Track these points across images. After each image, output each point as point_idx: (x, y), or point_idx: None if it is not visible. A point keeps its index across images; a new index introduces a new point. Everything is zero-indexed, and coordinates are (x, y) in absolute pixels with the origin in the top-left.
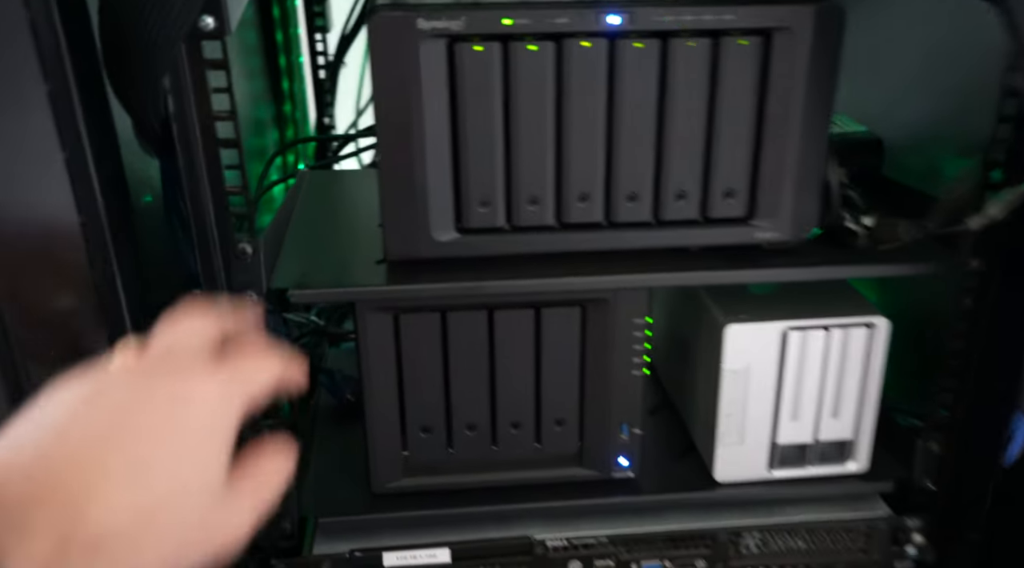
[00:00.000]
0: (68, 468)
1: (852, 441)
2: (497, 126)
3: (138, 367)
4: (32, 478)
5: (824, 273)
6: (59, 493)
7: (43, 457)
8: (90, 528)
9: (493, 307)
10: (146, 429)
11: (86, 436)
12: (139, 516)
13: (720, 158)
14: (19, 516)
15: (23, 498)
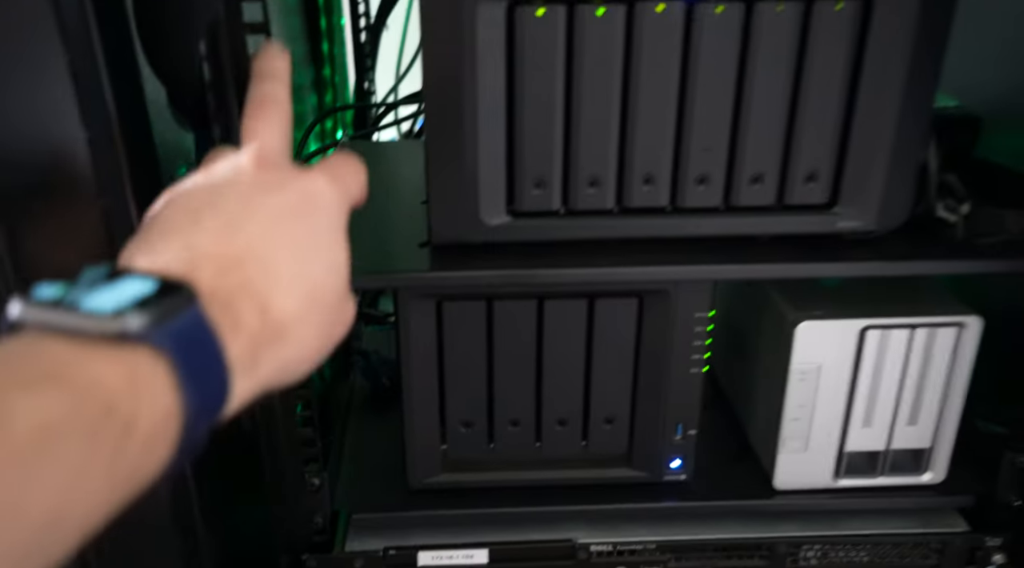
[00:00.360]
0: (250, 266)
1: (929, 450)
2: (557, 98)
3: (265, 178)
4: (226, 275)
5: (913, 268)
6: (249, 288)
7: (227, 258)
8: (275, 316)
9: (543, 296)
10: (294, 226)
11: (252, 237)
12: (306, 301)
13: (804, 137)
14: (227, 305)
15: (226, 290)
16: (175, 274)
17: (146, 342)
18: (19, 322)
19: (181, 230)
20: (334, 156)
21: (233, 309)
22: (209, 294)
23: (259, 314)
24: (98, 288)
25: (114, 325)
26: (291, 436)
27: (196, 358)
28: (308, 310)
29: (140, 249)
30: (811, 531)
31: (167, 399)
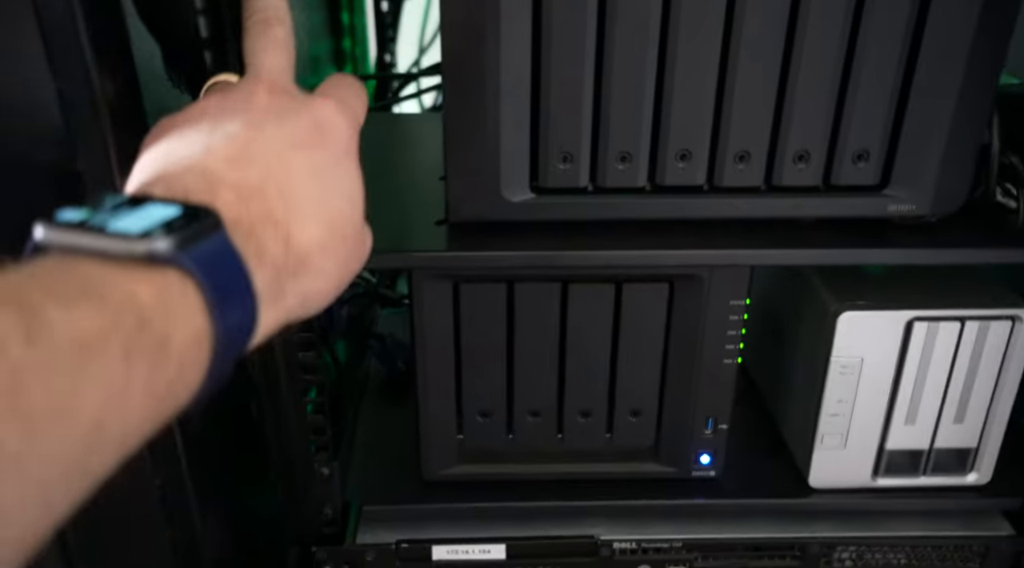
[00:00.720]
0: (271, 195)
1: (975, 450)
2: (587, 65)
3: (269, 99)
4: (247, 204)
5: (968, 257)
6: (270, 222)
7: (246, 186)
8: (298, 246)
9: (568, 280)
10: (310, 154)
11: (269, 165)
12: (326, 231)
13: (855, 113)
14: (249, 233)
15: (248, 220)
16: (196, 201)
17: (175, 264)
18: (44, 244)
19: (193, 158)
20: (334, 78)
21: (256, 237)
22: (232, 222)
23: (283, 244)
24: (122, 212)
25: (142, 246)
26: (301, 423)
27: (225, 282)
28: (329, 240)
29: (152, 178)
30: (846, 532)
31: (198, 320)
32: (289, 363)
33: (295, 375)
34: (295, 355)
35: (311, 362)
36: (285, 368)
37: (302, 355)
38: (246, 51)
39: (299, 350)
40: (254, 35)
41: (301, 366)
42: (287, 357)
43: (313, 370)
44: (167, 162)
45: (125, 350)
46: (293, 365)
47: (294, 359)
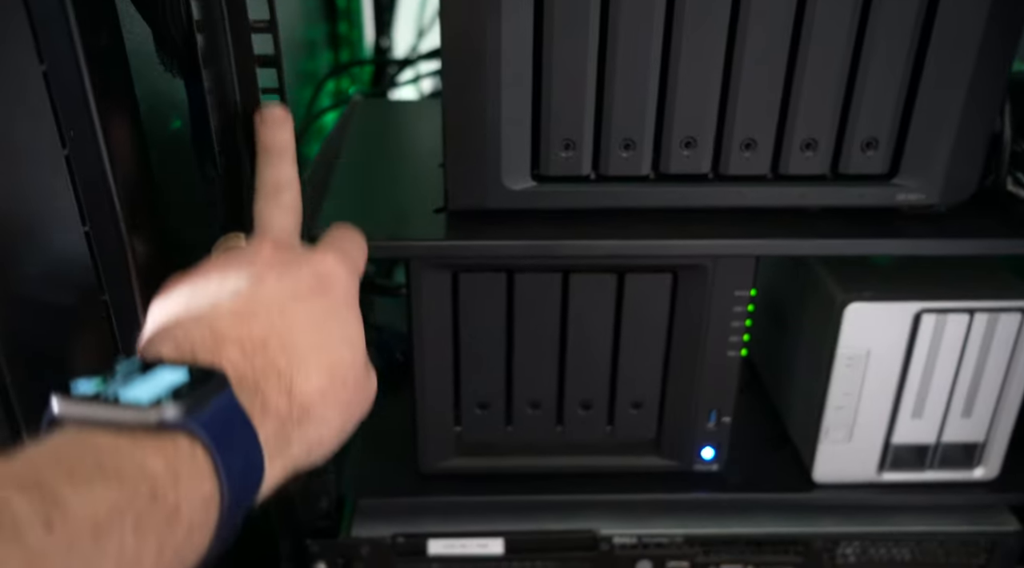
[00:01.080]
0: (273, 348)
1: (983, 444)
2: (590, 50)
3: (273, 256)
4: (251, 359)
5: (977, 247)
6: (273, 374)
7: (250, 341)
8: (300, 396)
9: (569, 270)
10: (311, 306)
11: (271, 319)
12: (328, 379)
13: (864, 99)
14: (254, 390)
15: (253, 376)
16: (203, 360)
17: (184, 430)
18: (60, 418)
19: (201, 316)
20: (335, 231)
21: (261, 392)
22: (237, 379)
23: (286, 394)
24: (133, 380)
25: (153, 415)
26: None
27: (231, 443)
28: (330, 388)
29: (161, 334)
30: (851, 527)
31: (207, 486)
32: None
33: None
34: None
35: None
36: None
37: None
38: (256, 212)
39: None
40: (264, 199)
41: None
42: None
43: None
44: (176, 317)
45: (137, 524)
46: None
47: None
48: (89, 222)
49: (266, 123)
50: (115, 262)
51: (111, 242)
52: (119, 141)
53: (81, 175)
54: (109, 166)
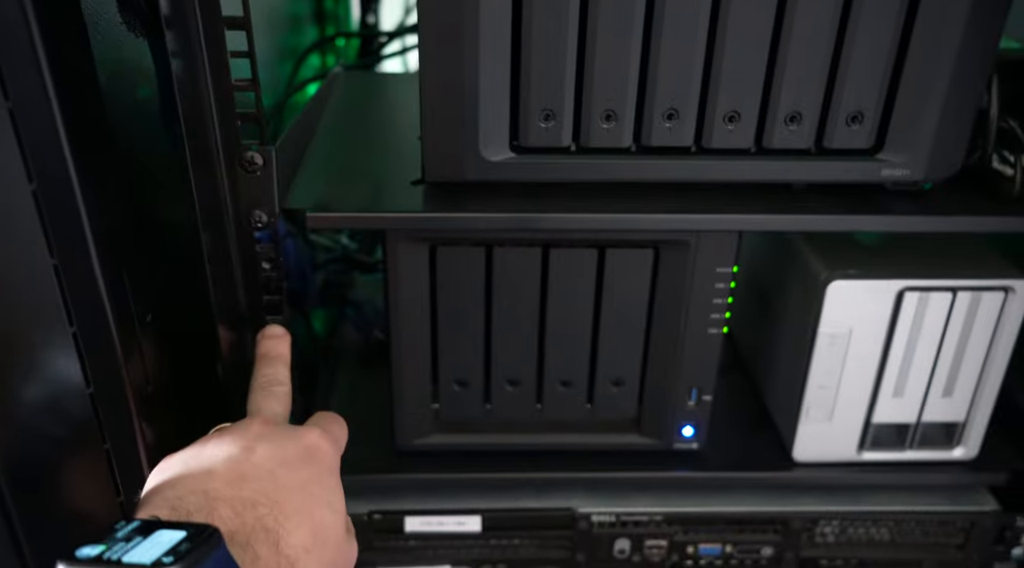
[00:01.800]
0: (262, 506)
1: (962, 424)
2: (571, 17)
3: (264, 431)
4: (241, 517)
5: (961, 224)
6: (262, 531)
7: (241, 501)
8: (287, 550)
9: (549, 244)
10: (297, 471)
11: (261, 481)
12: (311, 536)
13: (850, 71)
14: (245, 545)
15: (243, 532)
16: (197, 520)
17: None
18: None
19: (197, 482)
20: (319, 414)
21: (251, 546)
22: (230, 534)
23: (274, 548)
24: (135, 541)
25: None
26: None
27: None
28: (313, 544)
29: (158, 501)
30: (830, 506)
31: None
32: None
33: None
34: (261, 317)
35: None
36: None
37: (269, 318)
38: (249, 402)
39: (266, 313)
40: (258, 391)
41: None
42: (252, 319)
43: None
44: (172, 482)
45: None
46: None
47: (260, 321)
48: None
49: (267, 336)
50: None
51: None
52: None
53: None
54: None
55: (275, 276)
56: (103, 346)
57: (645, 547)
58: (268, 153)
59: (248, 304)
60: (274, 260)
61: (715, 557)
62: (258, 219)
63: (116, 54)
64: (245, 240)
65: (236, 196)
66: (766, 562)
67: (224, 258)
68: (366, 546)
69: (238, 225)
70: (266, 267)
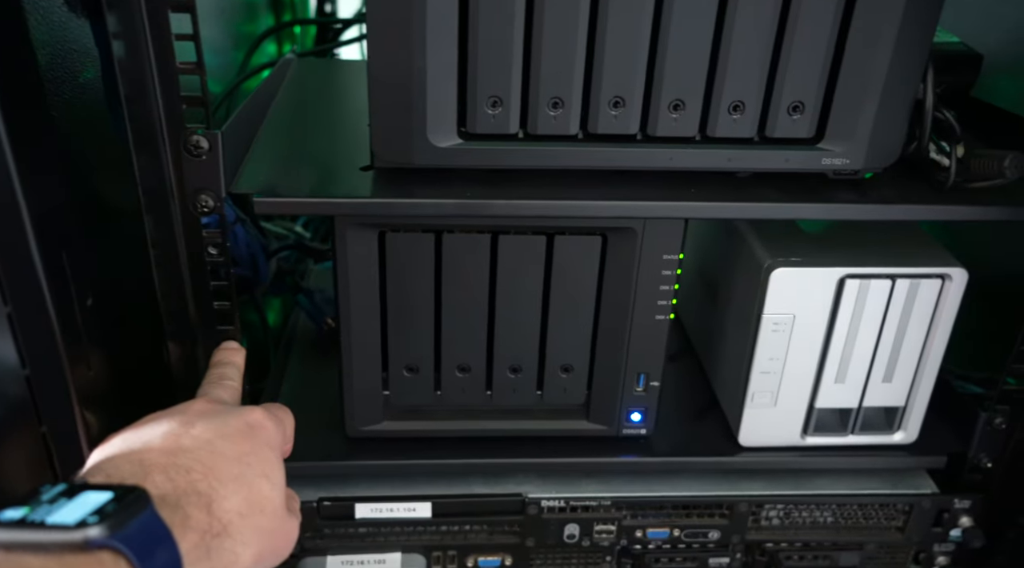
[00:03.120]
0: (196, 472)
1: (903, 409)
2: (518, 4)
3: (208, 408)
4: (174, 481)
5: (898, 213)
6: (193, 494)
7: (175, 467)
8: (219, 513)
9: (498, 231)
10: (236, 443)
11: (198, 450)
12: (246, 504)
13: (791, 61)
14: (176, 506)
15: (175, 494)
16: (129, 485)
17: (108, 546)
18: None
19: (133, 452)
20: (268, 403)
21: (182, 508)
22: (160, 497)
23: (205, 511)
24: (60, 503)
25: (79, 535)
26: None
27: (153, 556)
28: (247, 510)
29: (94, 472)
30: (775, 490)
31: None
32: (201, 310)
33: (208, 324)
34: (209, 302)
35: (226, 311)
36: (197, 315)
37: (217, 304)
38: (200, 389)
39: (213, 299)
40: (206, 382)
41: (218, 315)
42: (198, 304)
43: (229, 319)
44: (109, 456)
45: None
46: (208, 313)
47: (208, 306)
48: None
49: (222, 348)
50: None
51: None
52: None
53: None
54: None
55: (222, 261)
56: (40, 328)
57: (594, 532)
58: (214, 137)
59: (194, 289)
60: (221, 245)
61: (663, 541)
62: (204, 203)
63: (58, 35)
64: (191, 224)
65: (181, 180)
66: (713, 546)
67: (169, 242)
68: (316, 533)
69: (184, 209)
70: (212, 252)
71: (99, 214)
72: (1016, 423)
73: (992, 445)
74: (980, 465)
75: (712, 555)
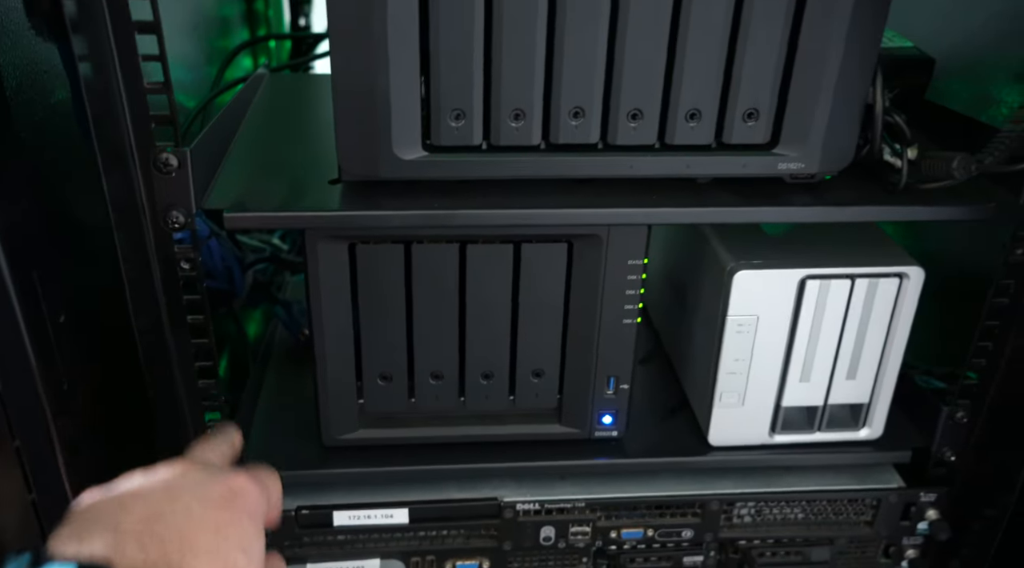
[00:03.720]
0: (170, 543)
1: (867, 405)
2: (477, 18)
3: (192, 471)
4: (147, 552)
5: (857, 214)
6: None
7: (150, 535)
8: None
9: (466, 240)
10: (216, 512)
11: (176, 518)
12: None
13: (744, 70)
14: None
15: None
16: (98, 557)
17: None
18: None
19: (109, 516)
20: (254, 466)
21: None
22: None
23: None
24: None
25: None
26: (190, 386)
27: None
28: None
29: (68, 537)
30: (745, 488)
31: None
32: (177, 325)
33: (182, 337)
34: (182, 316)
35: (200, 324)
36: (171, 330)
37: (191, 318)
38: (188, 449)
39: (188, 313)
40: (205, 441)
41: (191, 328)
42: (172, 318)
43: (203, 333)
44: (88, 518)
45: None
46: (181, 327)
47: (181, 320)
48: None
49: (219, 428)
50: None
51: None
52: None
53: None
54: None
55: (195, 276)
56: (11, 345)
57: (570, 533)
58: (183, 154)
59: (167, 303)
60: (193, 260)
61: (638, 541)
62: (175, 219)
63: (27, 58)
64: (163, 240)
65: (152, 197)
66: (687, 544)
67: (141, 258)
68: (295, 542)
69: (155, 226)
70: (185, 267)
71: (72, 232)
72: (977, 417)
73: (955, 439)
74: (944, 459)
75: (686, 554)
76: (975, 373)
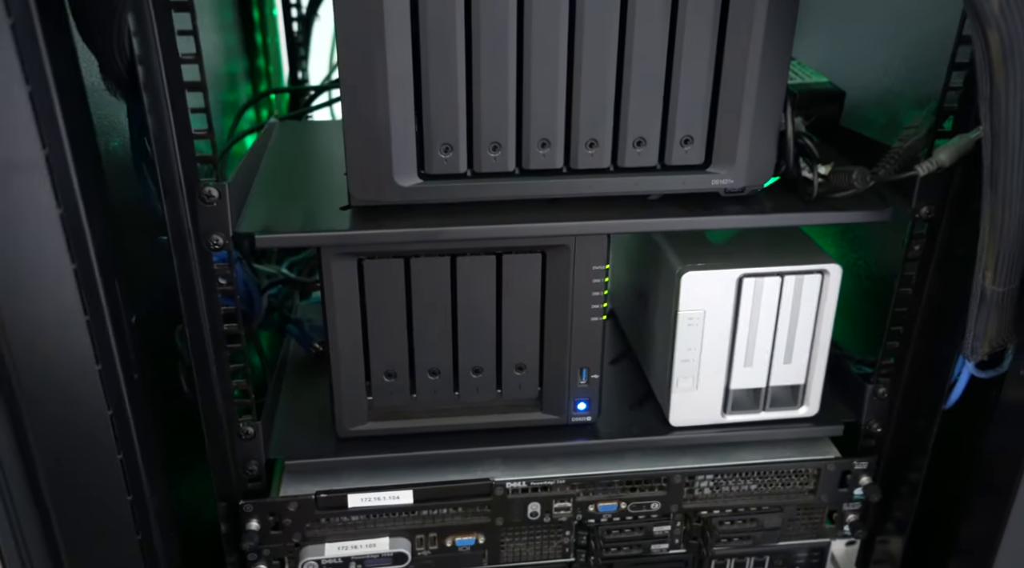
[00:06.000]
0: None
1: (804, 386)
2: (459, 68)
3: None
4: None
5: (778, 220)
6: None
7: None
8: None
9: (455, 253)
10: None
11: None
12: None
13: (679, 105)
14: None
15: None
16: None
17: None
18: None
19: None
20: None
21: None
22: None
23: None
24: None
25: None
26: (226, 388)
27: None
28: None
29: None
30: (704, 463)
31: None
32: (215, 331)
33: (220, 342)
34: (220, 325)
35: (234, 332)
36: (211, 334)
37: (227, 326)
38: None
39: (224, 321)
40: None
41: (226, 336)
42: (211, 321)
43: (236, 339)
44: None
45: None
46: (219, 333)
47: (218, 323)
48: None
49: None
50: None
51: None
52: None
53: (60, 179)
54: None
55: (231, 289)
56: (101, 338)
57: (553, 509)
58: (223, 187)
59: (208, 310)
60: (228, 276)
61: (613, 514)
62: (215, 242)
63: (98, 114)
64: (205, 259)
65: (196, 223)
66: (655, 515)
67: (188, 274)
68: (315, 524)
69: (199, 247)
70: (222, 282)
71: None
72: (895, 393)
73: (879, 413)
74: (872, 431)
75: (655, 524)
76: (892, 355)
